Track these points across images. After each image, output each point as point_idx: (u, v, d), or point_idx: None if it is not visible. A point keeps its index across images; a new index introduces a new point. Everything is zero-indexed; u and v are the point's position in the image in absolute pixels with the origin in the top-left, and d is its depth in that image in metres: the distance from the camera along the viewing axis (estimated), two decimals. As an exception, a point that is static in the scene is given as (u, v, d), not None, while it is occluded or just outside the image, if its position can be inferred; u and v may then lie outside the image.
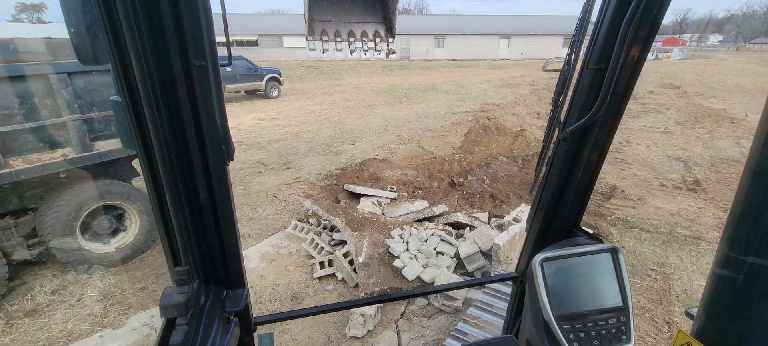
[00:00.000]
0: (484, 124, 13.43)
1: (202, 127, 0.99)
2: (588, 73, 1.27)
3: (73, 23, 0.80)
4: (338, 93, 19.96)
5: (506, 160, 9.32)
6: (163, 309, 0.97)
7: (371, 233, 4.70)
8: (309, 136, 11.42)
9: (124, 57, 0.81)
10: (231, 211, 1.16)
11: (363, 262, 4.26)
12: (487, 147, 11.22)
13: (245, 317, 1.37)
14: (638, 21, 1.07)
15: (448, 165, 9.05)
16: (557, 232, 1.64)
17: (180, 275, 0.99)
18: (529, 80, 23.49)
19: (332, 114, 14.72)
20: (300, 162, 9.07)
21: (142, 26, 0.79)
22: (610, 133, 1.37)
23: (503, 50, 45.18)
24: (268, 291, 4.37)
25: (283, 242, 5.28)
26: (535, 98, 17.90)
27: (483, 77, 25.82)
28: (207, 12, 0.87)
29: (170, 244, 1.10)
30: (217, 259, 1.23)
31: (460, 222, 5.05)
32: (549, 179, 1.54)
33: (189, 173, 1.05)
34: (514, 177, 8.12)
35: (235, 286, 1.29)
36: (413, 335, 3.73)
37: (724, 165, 8.46)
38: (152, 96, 0.85)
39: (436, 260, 4.28)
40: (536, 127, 13.43)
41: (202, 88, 0.94)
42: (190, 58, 0.89)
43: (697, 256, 4.94)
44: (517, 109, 15.89)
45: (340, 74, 29.25)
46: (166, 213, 1.03)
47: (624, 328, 1.39)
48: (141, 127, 0.90)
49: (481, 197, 7.04)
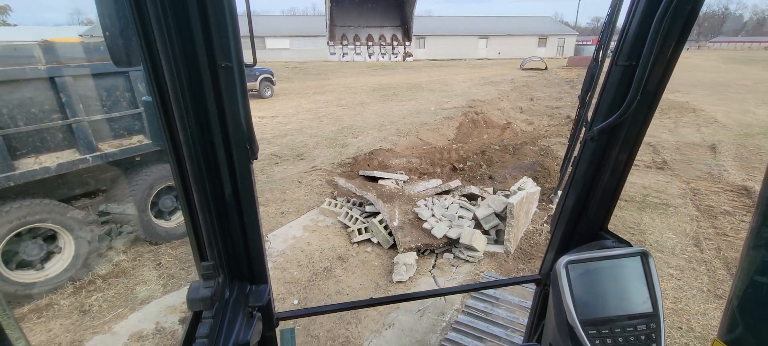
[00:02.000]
0: (473, 119, 14.46)
1: (227, 126, 1.01)
2: (617, 69, 1.22)
3: (108, 27, 0.84)
4: (329, 92, 20.66)
5: (498, 148, 10.33)
6: (190, 302, 1.01)
7: (399, 203, 5.56)
8: (312, 131, 12.15)
9: (154, 59, 0.85)
10: (255, 208, 1.18)
11: (398, 225, 5.11)
12: (478, 138, 12.24)
13: (268, 313, 1.39)
14: (672, 15, 1.03)
15: (446, 153, 9.98)
16: (583, 234, 1.59)
17: (206, 269, 1.02)
18: (509, 78, 24.80)
19: (329, 112, 15.44)
20: (311, 153, 9.82)
21: (171, 29, 0.83)
22: (641, 133, 1.31)
23: (482, 50, 46.81)
24: (316, 254, 5.15)
25: (318, 216, 6.06)
26: (517, 95, 19.12)
27: (465, 76, 26.99)
28: (233, 15, 0.89)
29: (197, 239, 1.13)
30: (242, 255, 1.25)
31: (473, 193, 5.98)
32: (575, 180, 1.49)
33: (215, 170, 1.07)
34: (507, 162, 9.13)
35: (258, 282, 1.31)
36: (446, 278, 4.62)
37: (687, 148, 9.76)
38: (181, 96, 0.88)
39: (458, 222, 5.18)
40: (520, 121, 14.56)
41: (227, 88, 0.96)
42: (217, 59, 0.92)
43: (665, 217, 6.03)
44: (502, 105, 17.02)
45: (326, 75, 29.86)
46: (193, 209, 1.06)
47: (654, 335, 1.33)
48: (170, 126, 0.94)
49: (481, 179, 7.99)
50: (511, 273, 4.65)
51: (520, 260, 4.91)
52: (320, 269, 4.82)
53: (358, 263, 5.02)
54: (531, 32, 48.71)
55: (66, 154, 4.32)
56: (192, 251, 1.17)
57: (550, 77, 25.83)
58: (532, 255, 4.98)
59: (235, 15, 0.90)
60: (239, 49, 0.94)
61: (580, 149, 1.44)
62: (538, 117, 14.92)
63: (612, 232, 1.57)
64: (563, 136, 11.45)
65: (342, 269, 4.88)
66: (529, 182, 5.65)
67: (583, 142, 1.42)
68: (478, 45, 46.82)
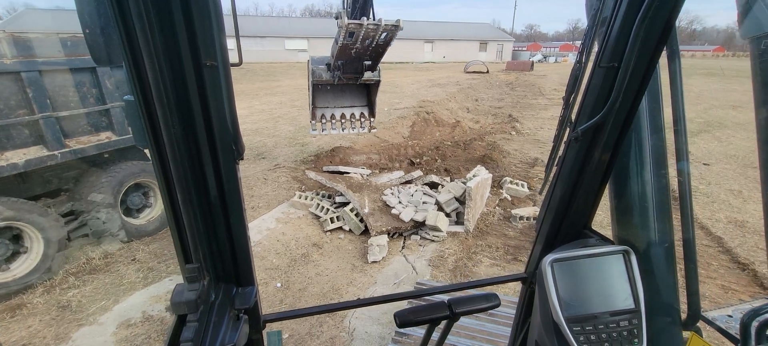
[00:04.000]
0: (425, 118, 15.24)
1: (212, 126, 1.00)
2: (600, 71, 1.24)
3: (88, 24, 0.81)
4: (281, 93, 20.54)
5: (450, 144, 11.10)
6: (174, 306, 0.98)
7: (368, 193, 5.98)
8: (269, 132, 12.19)
9: (136, 57, 0.83)
10: (241, 208, 1.16)
11: (368, 212, 5.53)
12: (431, 136, 12.98)
13: (254, 315, 1.37)
14: (652, 18, 1.06)
15: (403, 150, 10.56)
16: (567, 232, 1.62)
17: (191, 272, 1.00)
18: (455, 81, 26.13)
19: (283, 112, 15.47)
20: (272, 153, 9.92)
21: (154, 27, 0.80)
22: (623, 133, 1.35)
23: (428, 54, 48.59)
24: (292, 243, 5.41)
25: (290, 209, 6.30)
26: (463, 96, 20.31)
27: (413, 78, 27.98)
28: (218, 12, 0.88)
29: (181, 241, 1.11)
30: (227, 256, 1.23)
31: (434, 182, 6.55)
32: (560, 179, 1.52)
33: (200, 171, 1.05)
34: (460, 156, 9.89)
35: (244, 283, 1.30)
36: (415, 256, 5.11)
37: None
38: (164, 96, 0.86)
39: (423, 207, 5.70)
40: (468, 120, 15.58)
41: (212, 87, 0.95)
42: (201, 58, 0.91)
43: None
44: (450, 105, 18.03)
45: (276, 76, 29.46)
46: (177, 211, 1.04)
47: (636, 330, 1.37)
48: (153, 126, 0.92)
49: (438, 171, 8.64)
50: (472, 248, 5.25)
51: (478, 237, 5.53)
52: (298, 256, 5.10)
53: (333, 248, 5.36)
54: (473, 37, 51.44)
55: (33, 151, 4.23)
56: (176, 253, 1.14)
57: (492, 80, 27.60)
58: (488, 233, 5.64)
59: (220, 13, 0.88)
60: (224, 47, 0.93)
61: (564, 149, 1.46)
62: (483, 116, 16.06)
63: (595, 230, 1.61)
64: (506, 133, 12.54)
65: (318, 254, 5.19)
66: (482, 170, 6.34)
67: (567, 143, 1.43)
68: (424, 49, 48.52)
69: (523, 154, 10.09)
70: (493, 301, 1.55)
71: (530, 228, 5.80)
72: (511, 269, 4.83)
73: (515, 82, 26.18)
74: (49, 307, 3.95)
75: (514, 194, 6.80)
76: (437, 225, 5.29)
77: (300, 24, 49.89)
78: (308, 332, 3.77)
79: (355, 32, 3.75)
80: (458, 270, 4.76)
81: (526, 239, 5.52)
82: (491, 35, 54.72)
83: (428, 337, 1.61)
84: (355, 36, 3.84)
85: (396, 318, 1.47)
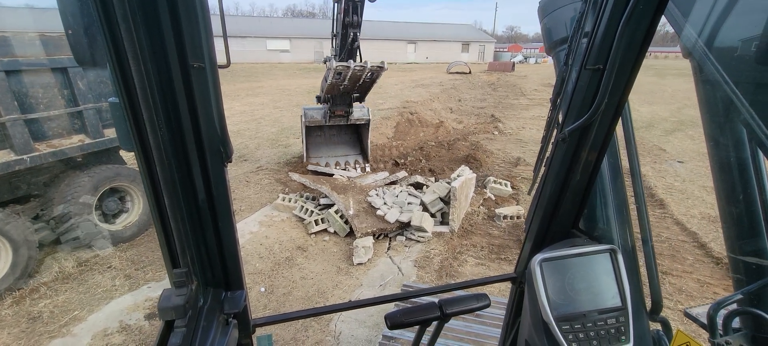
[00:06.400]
0: (409, 119, 15.26)
1: (200, 128, 0.99)
2: (586, 73, 1.26)
3: (71, 25, 0.79)
4: (263, 94, 20.26)
5: (434, 144, 11.13)
6: (161, 311, 0.96)
7: (353, 194, 5.93)
8: (251, 133, 11.99)
9: (121, 59, 0.81)
10: (230, 212, 1.15)
11: (353, 213, 5.47)
12: (415, 136, 13.00)
13: (244, 319, 1.37)
14: (636, 21, 1.09)
15: (388, 150, 10.53)
16: (556, 232, 1.64)
17: (178, 277, 0.99)
18: (438, 81, 26.30)
19: (265, 114, 15.25)
20: (254, 155, 9.75)
21: (140, 28, 0.78)
22: (609, 134, 1.37)
23: (411, 54, 48.76)
24: (276, 246, 5.31)
25: (273, 212, 6.19)
26: (446, 96, 20.44)
27: (397, 79, 28.04)
28: (205, 13, 0.87)
29: (168, 245, 1.09)
30: (216, 261, 1.22)
31: (418, 182, 6.54)
32: (548, 180, 1.54)
33: (187, 174, 1.04)
34: (444, 156, 9.92)
35: (233, 288, 1.28)
36: (401, 257, 5.08)
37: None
38: (150, 98, 0.84)
39: (408, 207, 5.68)
40: (451, 120, 15.68)
41: (200, 89, 0.94)
42: (188, 60, 0.89)
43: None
44: (433, 106, 18.12)
45: (257, 77, 29.06)
46: (164, 215, 1.02)
47: (623, 328, 1.40)
48: (139, 129, 0.90)
49: (422, 172, 8.64)
50: (457, 248, 5.26)
51: (463, 237, 5.55)
52: (282, 259, 5.00)
53: (317, 251, 5.29)
54: (455, 39, 51.89)
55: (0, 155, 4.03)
56: (163, 257, 1.12)
57: (474, 80, 27.88)
58: (472, 232, 5.66)
59: (207, 13, 0.87)
60: (212, 48, 0.92)
61: (552, 150, 1.49)
62: (466, 116, 16.18)
63: (583, 229, 1.65)
64: (489, 133, 12.66)
65: (303, 257, 5.11)
66: (466, 170, 6.37)
67: (555, 144, 1.46)
68: (407, 49, 48.68)
69: (506, 153, 10.20)
70: (483, 301, 1.55)
71: (514, 227, 5.85)
72: (496, 268, 4.85)
73: (497, 83, 26.51)
74: (18, 319, 3.76)
75: (498, 194, 6.85)
76: (422, 226, 5.28)
77: (282, 24, 49.40)
78: (293, 338, 3.70)
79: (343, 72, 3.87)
80: (444, 270, 4.76)
81: (511, 237, 5.56)
82: (473, 36, 55.32)
83: (419, 339, 1.59)
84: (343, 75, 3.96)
85: (387, 320, 1.45)
